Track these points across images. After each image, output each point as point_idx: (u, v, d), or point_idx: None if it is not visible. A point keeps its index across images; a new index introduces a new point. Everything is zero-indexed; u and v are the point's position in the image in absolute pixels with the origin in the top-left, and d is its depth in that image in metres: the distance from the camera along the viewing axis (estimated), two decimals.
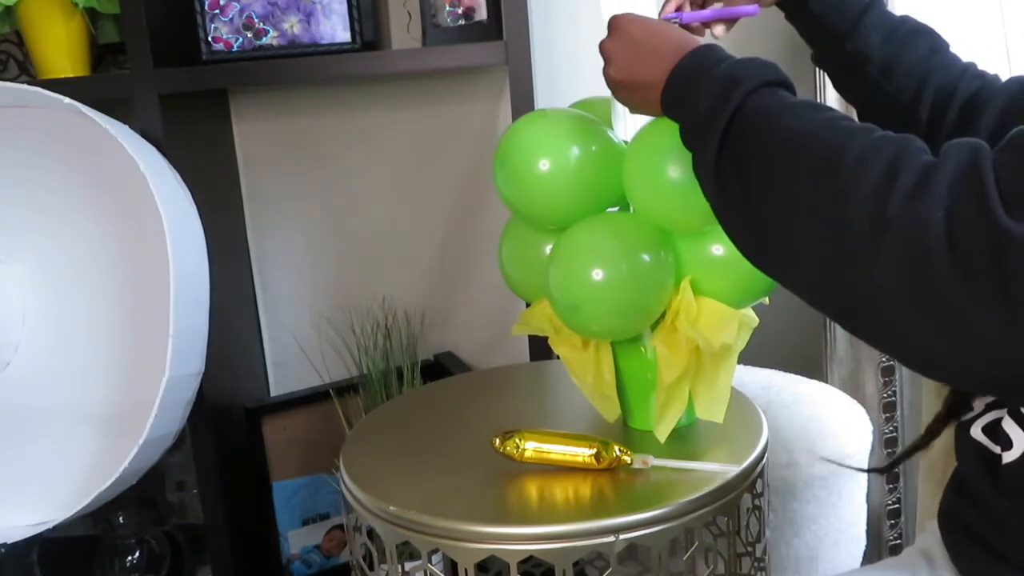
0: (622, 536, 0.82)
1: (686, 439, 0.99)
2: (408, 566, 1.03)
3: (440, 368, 1.65)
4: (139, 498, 1.62)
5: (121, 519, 1.64)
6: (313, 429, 1.61)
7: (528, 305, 1.10)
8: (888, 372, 1.50)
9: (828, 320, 1.53)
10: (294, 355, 1.70)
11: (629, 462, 0.90)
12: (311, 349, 1.69)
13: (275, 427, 1.60)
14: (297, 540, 1.62)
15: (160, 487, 1.74)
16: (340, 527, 1.65)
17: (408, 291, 1.67)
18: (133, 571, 1.64)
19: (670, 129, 0.79)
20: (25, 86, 1.22)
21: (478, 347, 1.71)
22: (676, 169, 0.86)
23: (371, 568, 0.96)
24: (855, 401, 1.40)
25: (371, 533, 0.95)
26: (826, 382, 1.52)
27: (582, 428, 1.02)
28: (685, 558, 0.89)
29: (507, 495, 0.89)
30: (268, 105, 1.62)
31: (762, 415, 1.02)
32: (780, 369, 1.47)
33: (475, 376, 1.38)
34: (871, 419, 1.39)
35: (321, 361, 1.67)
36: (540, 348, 1.42)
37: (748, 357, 1.14)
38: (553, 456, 0.91)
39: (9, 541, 1.25)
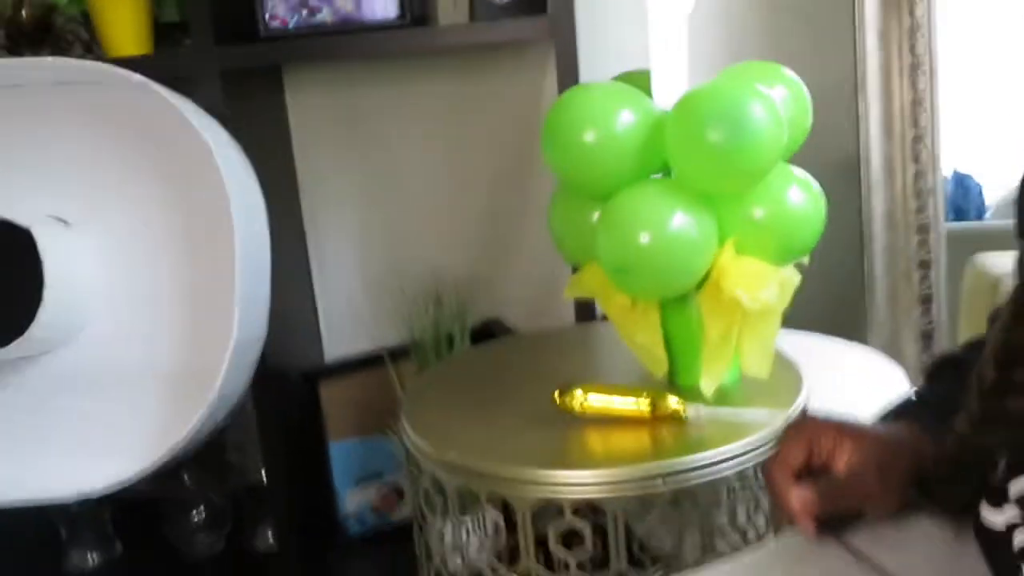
0: (669, 482, 0.87)
1: (730, 394, 1.04)
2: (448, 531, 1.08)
3: (488, 334, 1.70)
4: (202, 460, 1.68)
5: (186, 480, 1.71)
6: (367, 392, 1.67)
7: (575, 270, 1.15)
8: (926, 337, 1.53)
9: (868, 283, 1.56)
10: (347, 322, 1.76)
11: (682, 412, 0.95)
12: (364, 316, 1.75)
13: (330, 390, 1.66)
14: (352, 498, 1.68)
15: (221, 450, 1.81)
16: (393, 486, 1.71)
17: (457, 259, 1.72)
18: (199, 529, 1.71)
19: (709, 96, 0.82)
20: (99, 64, 1.28)
21: (524, 313, 1.76)
22: (716, 134, 0.90)
23: (433, 513, 1.02)
24: (895, 364, 1.44)
25: (431, 483, 1.01)
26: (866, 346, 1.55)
27: (628, 383, 1.07)
28: (725, 504, 0.94)
29: (561, 444, 0.95)
30: (320, 80, 1.68)
31: (800, 370, 1.07)
32: (821, 332, 1.51)
33: (524, 337, 1.43)
34: (910, 382, 1.42)
35: (374, 327, 1.73)
36: (584, 312, 1.47)
37: (789, 320, 1.18)
38: (611, 408, 0.96)
39: (92, 494, 1.33)
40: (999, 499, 0.67)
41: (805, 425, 0.77)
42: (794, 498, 0.72)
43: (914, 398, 0.82)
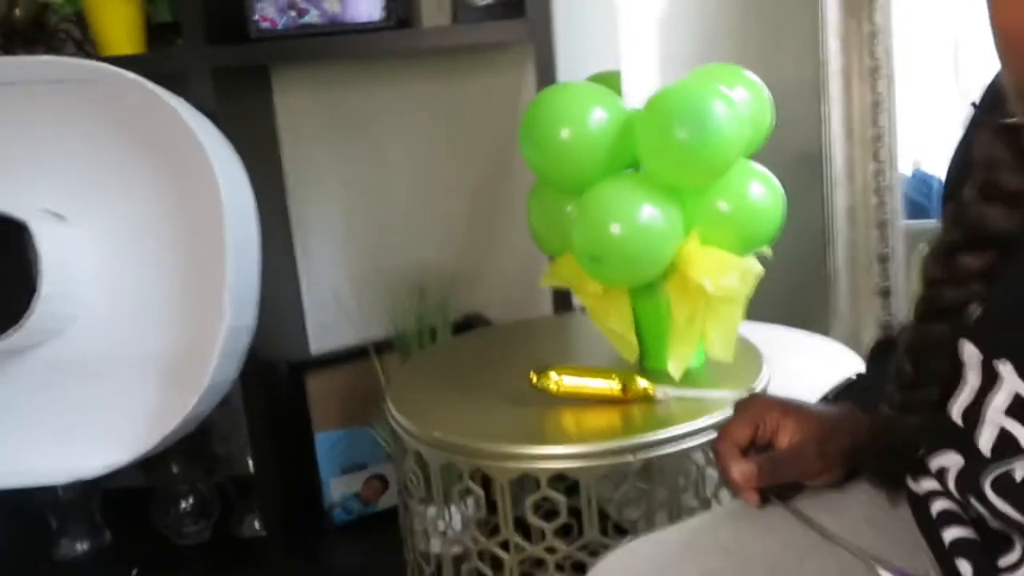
0: (638, 455, 0.93)
1: (696, 377, 1.11)
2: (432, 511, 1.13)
3: (469, 328, 1.75)
4: (189, 450, 1.72)
5: (174, 470, 1.75)
6: (352, 384, 1.71)
7: (551, 260, 1.21)
8: (886, 327, 1.60)
9: (831, 277, 1.63)
10: (333, 315, 1.81)
11: (652, 393, 1.02)
12: (349, 309, 1.80)
13: (316, 382, 1.70)
14: (338, 488, 1.72)
15: (208, 440, 1.85)
16: (377, 476, 1.76)
17: (439, 255, 1.77)
18: (186, 517, 1.74)
19: (676, 96, 0.89)
20: (93, 62, 1.33)
21: (503, 308, 1.80)
22: (682, 131, 0.97)
23: (418, 491, 1.08)
24: (856, 354, 1.50)
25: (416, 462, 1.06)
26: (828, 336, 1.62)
27: (601, 366, 1.13)
28: (691, 478, 1.00)
29: (538, 422, 1.01)
30: (307, 79, 1.73)
31: (761, 354, 1.13)
32: (785, 324, 1.57)
33: (503, 327, 1.49)
34: None
35: (358, 320, 1.78)
36: (560, 307, 1.52)
37: (754, 312, 1.24)
38: (584, 389, 1.02)
39: (85, 477, 1.38)
40: (920, 472, 0.74)
41: (751, 403, 0.81)
42: (737, 472, 0.77)
43: (855, 379, 0.87)
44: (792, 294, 1.66)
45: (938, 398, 0.70)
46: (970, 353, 0.67)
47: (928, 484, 0.73)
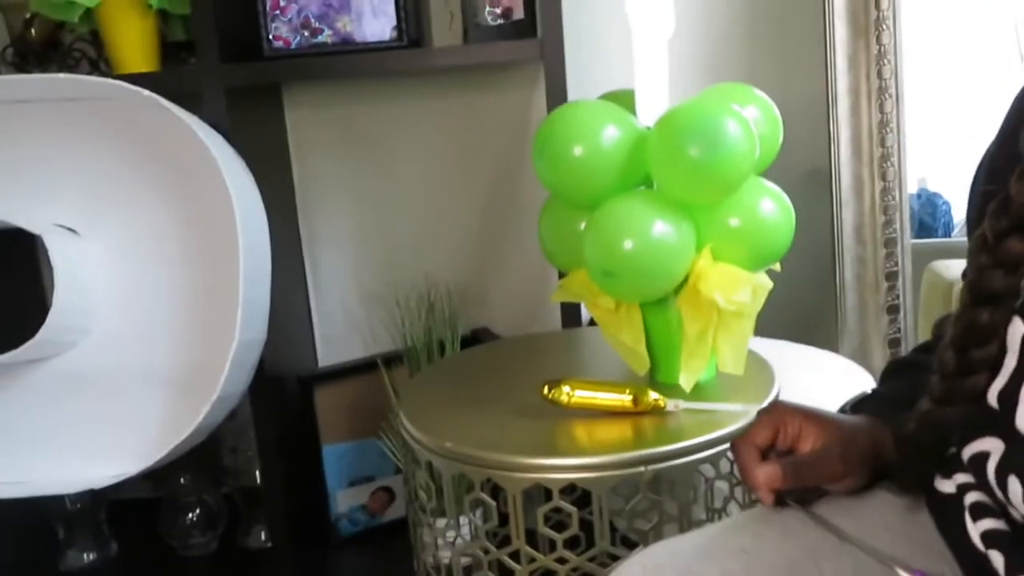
0: (650, 467, 0.94)
1: (707, 391, 1.12)
2: (442, 522, 1.14)
3: (477, 342, 1.77)
4: (197, 461, 1.73)
5: (182, 481, 1.76)
6: (360, 397, 1.73)
7: (561, 276, 1.22)
8: (895, 344, 1.61)
9: (839, 293, 1.64)
10: (341, 328, 1.83)
11: (663, 405, 1.03)
12: (358, 323, 1.81)
13: (325, 395, 1.71)
14: (345, 500, 1.74)
15: (216, 452, 1.86)
16: (384, 488, 1.77)
17: (448, 269, 1.79)
18: (193, 528, 1.75)
19: (688, 114, 0.90)
20: (108, 80, 1.34)
21: (512, 323, 1.83)
22: (694, 149, 0.98)
23: (428, 503, 1.09)
24: (864, 370, 1.51)
25: (427, 473, 1.07)
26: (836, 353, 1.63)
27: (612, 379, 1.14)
28: (702, 492, 1.01)
29: (550, 433, 1.02)
30: (318, 96, 1.75)
31: (772, 368, 1.14)
32: (794, 341, 1.58)
33: (512, 341, 1.50)
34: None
35: (367, 334, 1.80)
36: (569, 322, 1.54)
37: (764, 329, 1.25)
38: (596, 401, 1.03)
39: (94, 488, 1.38)
40: (951, 469, 0.75)
41: (773, 409, 0.83)
42: (761, 473, 0.79)
43: (870, 392, 0.89)
44: (800, 310, 1.67)
45: (983, 387, 0.71)
46: (1015, 333, 0.68)
47: (959, 479, 0.74)
